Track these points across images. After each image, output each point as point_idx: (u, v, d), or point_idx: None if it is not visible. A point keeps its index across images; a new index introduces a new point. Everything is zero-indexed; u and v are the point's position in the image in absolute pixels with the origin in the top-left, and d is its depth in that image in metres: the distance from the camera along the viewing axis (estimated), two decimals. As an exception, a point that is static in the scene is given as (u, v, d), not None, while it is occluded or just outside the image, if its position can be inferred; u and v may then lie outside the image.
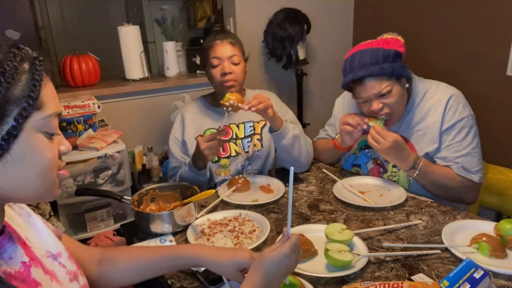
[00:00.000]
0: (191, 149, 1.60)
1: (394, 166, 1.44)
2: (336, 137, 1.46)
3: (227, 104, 1.33)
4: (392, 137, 1.27)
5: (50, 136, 0.60)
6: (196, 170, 1.46)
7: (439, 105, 1.36)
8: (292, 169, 0.77)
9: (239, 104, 1.33)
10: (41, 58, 0.60)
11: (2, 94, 0.53)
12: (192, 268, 0.98)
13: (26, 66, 0.57)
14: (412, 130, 1.40)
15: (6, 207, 0.68)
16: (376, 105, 1.31)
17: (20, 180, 0.57)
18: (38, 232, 0.73)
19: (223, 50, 1.52)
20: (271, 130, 1.48)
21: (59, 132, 0.63)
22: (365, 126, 1.36)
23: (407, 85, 1.36)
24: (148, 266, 0.88)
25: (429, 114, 1.37)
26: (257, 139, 1.62)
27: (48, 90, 0.59)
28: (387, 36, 1.32)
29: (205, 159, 1.40)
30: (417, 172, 1.31)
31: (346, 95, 1.62)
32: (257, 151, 1.61)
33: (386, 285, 0.81)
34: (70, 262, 0.76)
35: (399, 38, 1.32)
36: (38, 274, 0.65)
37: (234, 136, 1.60)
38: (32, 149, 0.57)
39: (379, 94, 1.29)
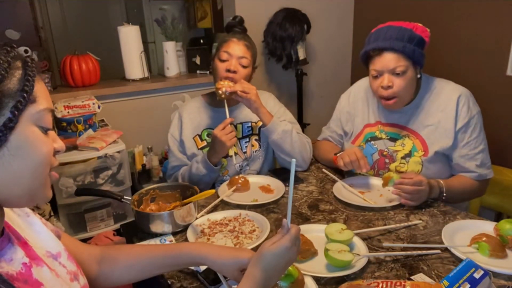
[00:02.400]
0: (189, 148, 1.60)
1: (403, 157, 1.45)
2: (338, 154, 1.46)
3: (220, 92, 1.43)
4: (423, 179, 1.25)
5: (45, 131, 0.61)
6: (211, 166, 1.46)
7: (450, 101, 1.39)
8: (294, 160, 0.74)
9: (231, 84, 1.45)
10: (32, 57, 0.61)
11: None
12: (192, 268, 0.98)
13: (19, 63, 0.59)
14: (422, 125, 1.43)
15: (5, 208, 0.68)
16: (386, 81, 1.34)
17: (16, 174, 0.58)
18: (37, 233, 0.74)
19: (236, 48, 1.52)
20: (261, 126, 1.49)
21: (52, 129, 0.64)
22: (364, 171, 1.38)
23: (419, 76, 1.40)
24: (149, 264, 0.88)
25: (440, 109, 1.41)
26: (255, 140, 1.62)
27: (40, 87, 0.61)
28: (419, 24, 1.36)
29: (225, 148, 1.43)
30: (445, 194, 1.31)
31: (352, 90, 1.65)
32: (255, 151, 1.61)
33: (389, 283, 0.81)
34: (69, 262, 0.76)
35: (428, 30, 1.37)
36: (40, 274, 0.65)
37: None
38: (29, 142, 0.58)
39: (393, 70, 1.33)
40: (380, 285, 0.81)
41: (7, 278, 0.57)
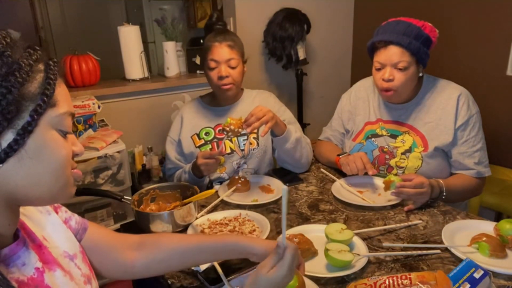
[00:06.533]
0: (186, 148, 1.62)
1: (403, 153, 1.46)
2: (341, 156, 1.47)
3: (227, 129, 1.35)
4: (424, 180, 1.24)
5: (64, 134, 0.61)
6: (195, 178, 1.48)
7: (450, 99, 1.42)
8: (285, 188, 0.69)
9: (239, 130, 1.35)
10: (55, 59, 0.61)
11: (18, 89, 0.54)
12: (192, 268, 0.98)
13: (41, 66, 0.58)
14: (422, 122, 1.45)
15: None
16: (388, 74, 1.36)
17: (34, 177, 0.57)
18: (57, 232, 0.74)
19: (221, 53, 1.52)
20: (273, 134, 1.48)
21: (72, 132, 0.64)
22: (370, 173, 1.36)
23: (420, 74, 1.43)
24: (192, 251, 0.86)
25: (441, 106, 1.43)
26: (253, 138, 1.62)
27: (61, 90, 0.61)
28: (428, 23, 1.38)
29: (202, 173, 1.44)
30: (445, 193, 1.31)
31: (353, 90, 1.67)
32: (253, 149, 1.61)
33: (394, 278, 0.81)
34: (84, 264, 0.76)
35: (437, 31, 1.39)
36: (52, 279, 0.65)
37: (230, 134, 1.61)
38: (47, 145, 0.58)
39: (396, 65, 1.35)
40: (387, 281, 0.81)
41: (18, 285, 0.57)
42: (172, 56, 2.58)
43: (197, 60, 2.59)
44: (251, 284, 0.73)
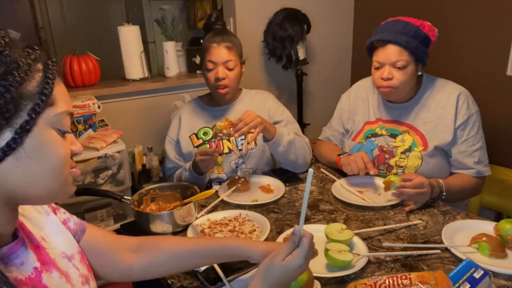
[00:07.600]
0: (185, 147, 1.63)
1: (402, 152, 1.46)
2: (342, 156, 1.47)
3: (220, 134, 1.37)
4: (424, 180, 1.23)
5: (62, 133, 0.61)
6: (196, 175, 1.48)
7: (450, 99, 1.42)
8: (311, 171, 0.70)
9: (230, 130, 1.37)
10: (54, 59, 0.61)
11: (16, 88, 0.54)
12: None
13: (39, 65, 0.58)
14: (422, 121, 1.46)
15: (26, 205, 0.69)
16: (386, 73, 1.37)
17: (33, 175, 0.57)
18: (55, 232, 0.74)
19: (219, 54, 1.52)
20: (265, 139, 1.48)
21: (71, 131, 0.64)
22: (372, 173, 1.35)
23: (419, 73, 1.43)
24: (192, 254, 0.86)
25: (440, 106, 1.43)
26: (251, 137, 1.63)
27: (60, 89, 0.61)
28: (427, 22, 1.38)
29: (201, 170, 1.45)
30: (445, 193, 1.31)
31: (352, 90, 1.68)
32: (251, 149, 1.61)
33: (394, 278, 0.81)
34: (82, 265, 0.76)
35: (436, 29, 1.39)
36: (50, 280, 0.65)
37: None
38: (46, 144, 0.58)
39: (395, 63, 1.35)
40: (387, 281, 0.81)
41: (15, 284, 0.57)
42: (172, 56, 2.58)
43: (197, 60, 2.59)
44: (264, 272, 0.73)
